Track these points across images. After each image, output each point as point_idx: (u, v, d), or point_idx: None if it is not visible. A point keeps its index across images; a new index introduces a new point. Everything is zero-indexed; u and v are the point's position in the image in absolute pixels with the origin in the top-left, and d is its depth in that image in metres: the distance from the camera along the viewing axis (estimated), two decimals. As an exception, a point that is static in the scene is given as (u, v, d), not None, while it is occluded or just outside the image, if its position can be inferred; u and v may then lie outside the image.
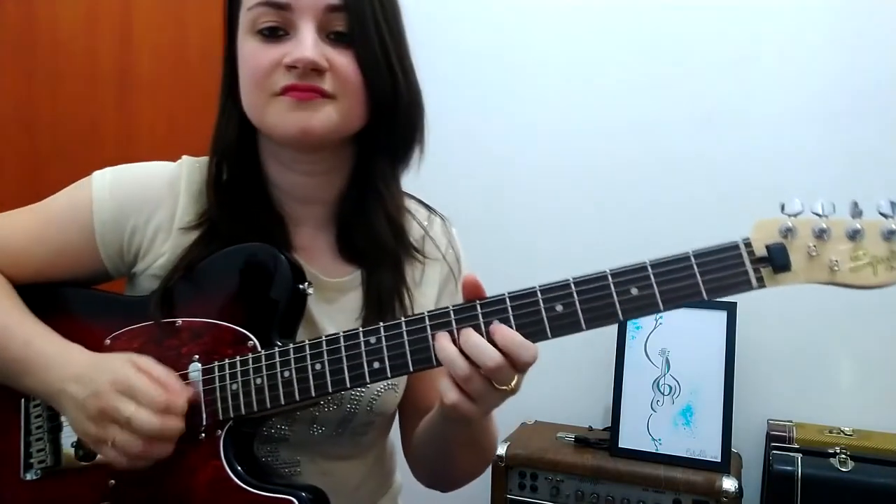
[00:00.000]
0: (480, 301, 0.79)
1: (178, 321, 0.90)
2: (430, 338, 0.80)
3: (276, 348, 0.86)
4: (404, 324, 0.81)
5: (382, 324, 0.82)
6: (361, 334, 0.83)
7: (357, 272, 0.98)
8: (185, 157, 0.99)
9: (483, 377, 0.77)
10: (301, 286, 0.89)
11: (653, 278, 0.76)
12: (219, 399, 0.86)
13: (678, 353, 1.84)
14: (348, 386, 0.83)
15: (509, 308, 0.78)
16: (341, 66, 0.87)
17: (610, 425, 1.86)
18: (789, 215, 0.75)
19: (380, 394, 0.97)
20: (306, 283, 0.89)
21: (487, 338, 0.77)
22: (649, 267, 0.76)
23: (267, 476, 0.89)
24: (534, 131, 2.15)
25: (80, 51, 1.89)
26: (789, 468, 1.65)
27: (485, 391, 0.77)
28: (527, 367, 0.78)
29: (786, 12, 1.94)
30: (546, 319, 0.78)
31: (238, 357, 0.87)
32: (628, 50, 2.07)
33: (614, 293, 0.76)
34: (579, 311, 0.77)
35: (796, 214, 0.75)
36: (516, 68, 2.16)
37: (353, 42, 0.88)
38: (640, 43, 2.06)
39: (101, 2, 1.92)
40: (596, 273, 0.77)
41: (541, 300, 0.78)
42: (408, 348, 0.81)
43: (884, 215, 0.73)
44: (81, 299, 0.97)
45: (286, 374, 0.84)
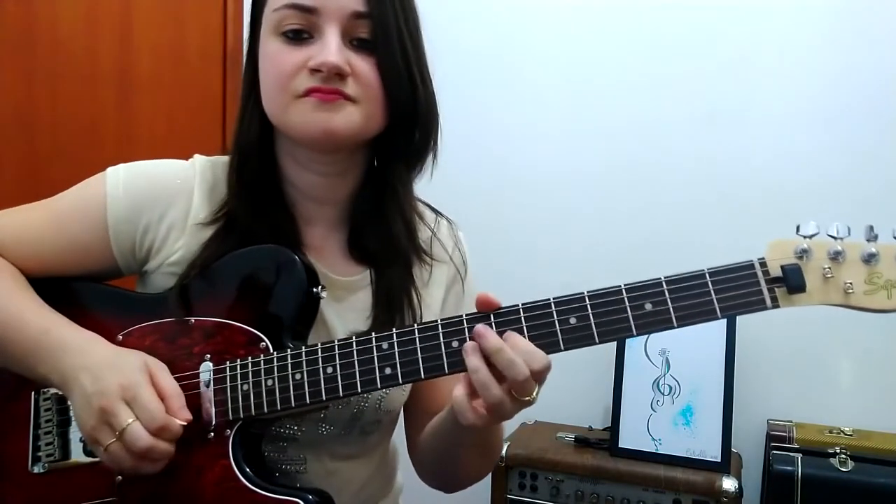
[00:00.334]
0: (494, 311, 0.80)
1: (191, 320, 0.90)
2: (443, 346, 0.81)
3: (289, 350, 0.86)
4: (417, 331, 0.82)
5: (395, 330, 0.83)
6: (374, 339, 0.83)
7: (366, 272, 0.99)
8: (197, 156, 1.00)
9: (506, 389, 0.78)
10: (315, 289, 0.89)
11: (667, 294, 0.76)
12: (229, 399, 0.87)
13: (678, 353, 1.84)
14: (359, 391, 0.83)
15: (523, 319, 0.79)
16: (363, 72, 0.88)
17: (610, 425, 1.86)
18: (804, 237, 0.75)
19: (388, 391, 0.98)
20: (320, 286, 0.90)
21: None
22: (664, 283, 0.77)
23: (273, 478, 0.89)
24: (534, 131, 2.15)
25: (80, 51, 1.89)
26: (789, 468, 1.66)
27: (505, 403, 0.78)
28: (539, 376, 0.78)
29: (785, 12, 1.94)
30: (559, 332, 0.78)
31: (250, 358, 0.87)
32: (628, 50, 2.07)
33: (628, 308, 0.77)
34: (593, 324, 0.78)
35: (811, 236, 0.75)
36: (516, 68, 2.16)
37: (375, 49, 0.89)
38: (640, 43, 2.06)
39: (101, 2, 1.91)
40: (610, 287, 0.78)
41: (554, 312, 0.79)
42: (420, 355, 0.81)
43: None
44: (94, 294, 0.97)
45: (297, 376, 0.85)
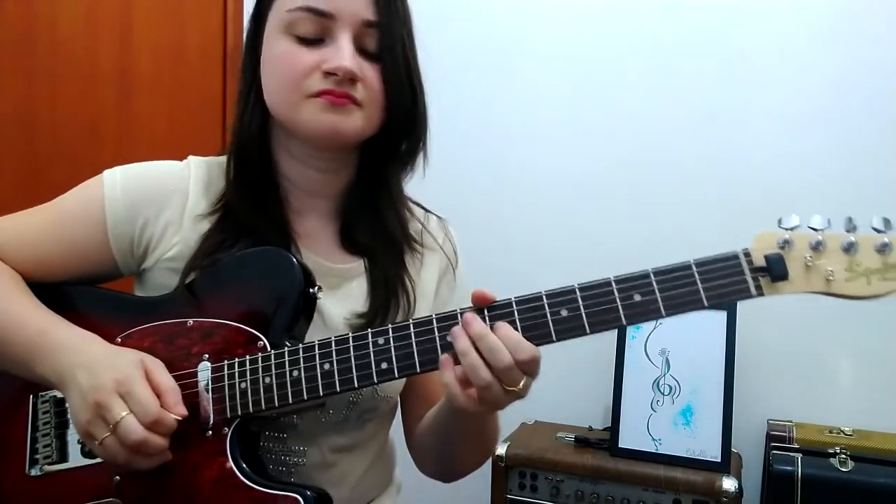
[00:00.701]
0: (487, 305, 0.82)
1: (189, 321, 0.92)
2: (438, 339, 0.82)
3: (286, 348, 0.87)
4: (412, 325, 0.84)
5: (391, 325, 0.85)
6: (370, 335, 0.85)
7: (360, 261, 1.02)
8: (191, 157, 1.03)
9: (494, 375, 0.79)
10: (311, 290, 0.91)
11: (655, 285, 0.79)
12: (227, 397, 0.88)
13: (678, 353, 1.84)
14: (356, 385, 0.85)
15: (515, 312, 0.81)
16: (370, 79, 0.93)
17: (610, 425, 1.85)
18: (786, 229, 0.78)
19: None
20: (317, 286, 0.92)
21: None
22: (652, 274, 0.80)
23: (272, 474, 0.90)
24: (534, 131, 2.15)
25: (80, 51, 1.90)
26: (789, 468, 1.65)
27: (494, 389, 0.79)
28: (526, 366, 0.80)
29: (785, 12, 1.94)
30: (551, 323, 0.80)
31: (248, 356, 0.88)
32: (628, 50, 2.07)
33: (618, 299, 0.80)
34: (584, 315, 0.80)
35: (793, 228, 0.78)
36: (516, 68, 2.16)
37: (381, 58, 0.94)
38: (640, 43, 2.06)
39: (101, 2, 1.92)
40: (600, 280, 0.81)
41: (546, 304, 0.81)
42: (415, 349, 0.83)
43: (877, 230, 0.76)
44: (92, 299, 0.99)
45: (295, 373, 0.86)
